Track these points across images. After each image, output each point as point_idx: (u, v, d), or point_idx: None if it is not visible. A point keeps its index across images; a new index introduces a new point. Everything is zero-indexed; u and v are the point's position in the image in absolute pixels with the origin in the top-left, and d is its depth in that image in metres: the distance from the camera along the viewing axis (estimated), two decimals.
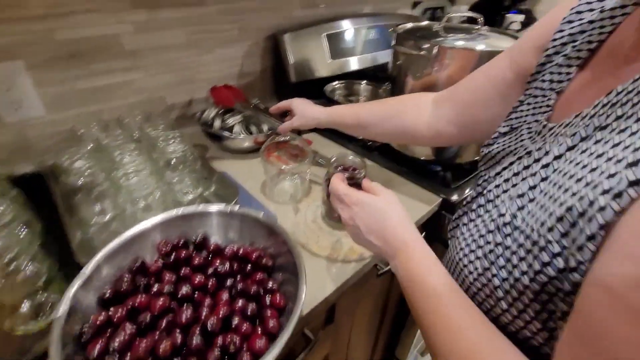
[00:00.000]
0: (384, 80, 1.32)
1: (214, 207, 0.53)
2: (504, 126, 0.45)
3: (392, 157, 0.92)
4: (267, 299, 0.42)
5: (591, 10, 0.38)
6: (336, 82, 1.11)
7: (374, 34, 1.22)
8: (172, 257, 0.47)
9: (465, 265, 0.37)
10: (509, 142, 0.43)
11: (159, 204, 0.59)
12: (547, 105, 0.39)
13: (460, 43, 0.71)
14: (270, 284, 0.45)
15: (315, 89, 1.09)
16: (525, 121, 0.41)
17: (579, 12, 0.39)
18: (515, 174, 0.37)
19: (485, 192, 0.41)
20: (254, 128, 0.94)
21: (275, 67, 1.11)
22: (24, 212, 0.56)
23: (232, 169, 0.83)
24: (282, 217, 0.69)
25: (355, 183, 0.60)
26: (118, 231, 0.47)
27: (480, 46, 0.69)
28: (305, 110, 0.76)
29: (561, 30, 0.40)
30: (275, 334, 0.39)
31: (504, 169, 0.41)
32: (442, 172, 0.87)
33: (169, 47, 0.86)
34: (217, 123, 0.91)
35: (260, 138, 0.86)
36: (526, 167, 0.36)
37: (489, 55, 0.68)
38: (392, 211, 0.43)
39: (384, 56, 1.26)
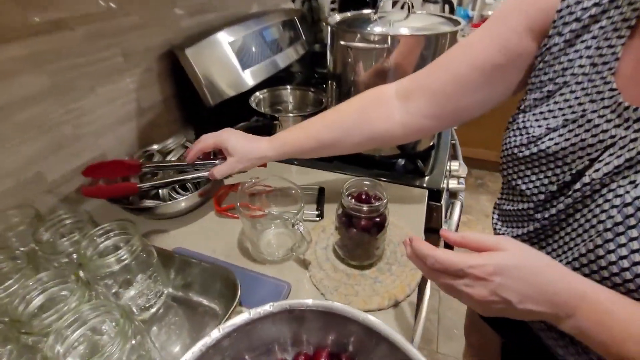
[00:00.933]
0: (310, 78, 1.24)
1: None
2: (549, 119, 0.40)
3: (357, 162, 0.84)
4: None
5: None
6: (258, 92, 0.95)
7: (275, 32, 1.09)
8: None
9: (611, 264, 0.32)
10: (574, 134, 0.37)
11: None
12: (611, 89, 0.35)
13: (407, 30, 0.65)
14: None
15: (234, 108, 0.91)
16: (584, 109, 0.37)
17: None
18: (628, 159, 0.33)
19: (572, 191, 0.37)
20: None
21: (180, 92, 0.88)
22: None
23: (182, 238, 0.62)
24: (292, 279, 0.54)
25: (377, 216, 0.50)
26: None
27: (432, 31, 0.65)
28: (244, 148, 0.59)
29: (569, 6, 0.37)
30: None
31: (594, 160, 0.36)
32: (411, 164, 0.83)
33: (28, 99, 0.57)
34: None
35: (206, 188, 0.67)
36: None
37: (436, 39, 0.65)
38: (539, 263, 0.33)
39: (291, 55, 1.16)
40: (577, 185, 0.37)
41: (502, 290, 0.31)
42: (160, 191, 0.66)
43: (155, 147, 0.75)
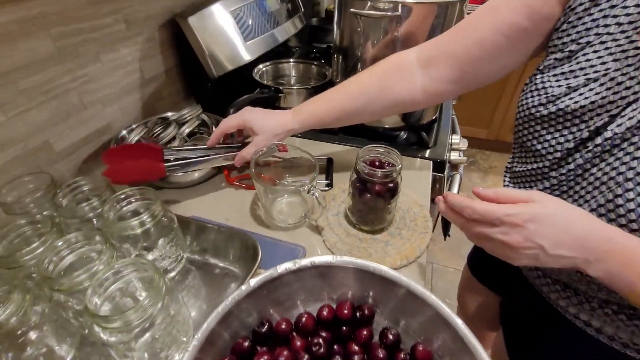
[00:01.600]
0: (309, 53, 1.22)
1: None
2: (570, 79, 0.40)
3: (361, 134, 0.85)
4: None
5: None
6: (261, 64, 0.94)
7: (274, 3, 1.07)
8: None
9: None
10: (595, 92, 0.38)
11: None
12: (636, 48, 0.35)
13: None
14: None
15: (237, 80, 0.90)
16: (607, 68, 0.37)
17: None
18: None
19: (593, 146, 0.38)
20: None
21: (184, 63, 0.87)
22: None
23: (195, 208, 0.63)
24: (306, 243, 0.56)
25: (391, 181, 0.52)
26: None
27: None
28: (269, 125, 0.60)
29: None
30: None
31: (614, 116, 0.37)
32: (414, 136, 0.85)
33: (32, 64, 0.55)
34: None
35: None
36: None
37: (446, 7, 0.65)
38: (570, 211, 0.35)
39: (289, 29, 1.14)
40: (598, 140, 0.38)
41: (536, 237, 0.33)
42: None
43: (169, 114, 0.74)
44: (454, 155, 0.89)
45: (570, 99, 0.40)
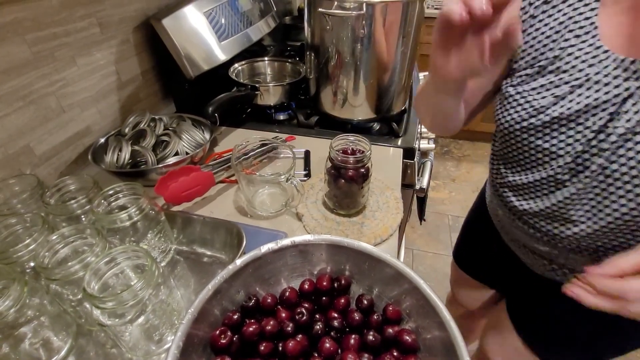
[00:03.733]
0: (283, 51, 1.25)
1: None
2: (552, 89, 0.43)
3: (336, 126, 0.89)
4: None
5: None
6: (237, 64, 0.97)
7: (246, 3, 1.09)
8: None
9: None
10: (585, 96, 0.40)
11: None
12: (605, 51, 0.39)
13: None
14: None
15: (214, 80, 0.93)
16: (587, 74, 0.40)
17: None
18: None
19: (611, 143, 0.40)
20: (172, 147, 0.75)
21: (160, 64, 0.88)
22: None
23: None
24: (287, 229, 0.60)
25: (362, 167, 0.56)
26: None
27: None
28: None
29: None
30: None
31: (613, 113, 0.39)
32: (386, 127, 0.90)
33: (9, 70, 0.56)
34: (126, 155, 0.68)
35: (200, 154, 0.70)
36: None
37: (407, 5, 0.70)
38: None
39: (263, 28, 1.17)
40: (613, 138, 0.39)
41: None
42: (149, 157, 0.68)
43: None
44: (424, 143, 0.94)
45: (562, 106, 0.42)
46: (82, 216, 0.50)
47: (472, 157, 2.47)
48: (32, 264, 0.42)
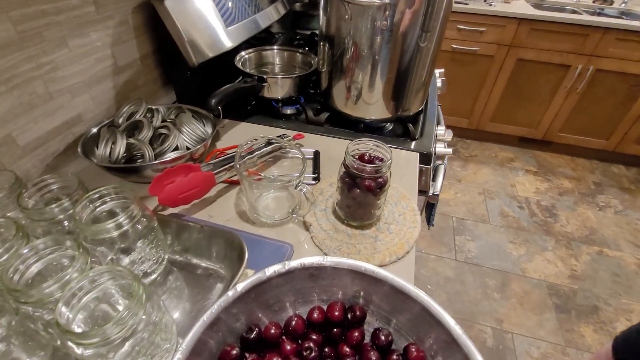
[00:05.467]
0: (292, 40, 1.18)
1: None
2: None
3: (347, 125, 0.83)
4: None
5: None
6: (243, 52, 0.90)
7: None
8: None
9: None
10: None
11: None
12: None
13: None
14: None
15: (219, 69, 0.86)
16: None
17: None
18: None
19: None
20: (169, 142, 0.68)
21: (160, 49, 0.82)
22: None
23: None
24: (293, 240, 0.54)
25: (380, 176, 0.50)
26: None
27: None
28: None
29: None
30: None
31: None
32: (400, 128, 0.84)
33: None
34: (121, 149, 0.62)
35: (201, 150, 0.64)
36: None
37: None
38: None
39: (272, 14, 1.09)
40: None
41: None
42: (147, 152, 0.62)
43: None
44: (440, 147, 0.88)
45: None
46: (66, 221, 0.44)
47: (480, 157, 2.41)
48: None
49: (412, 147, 0.78)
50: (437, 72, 1.19)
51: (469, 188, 2.15)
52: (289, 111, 0.89)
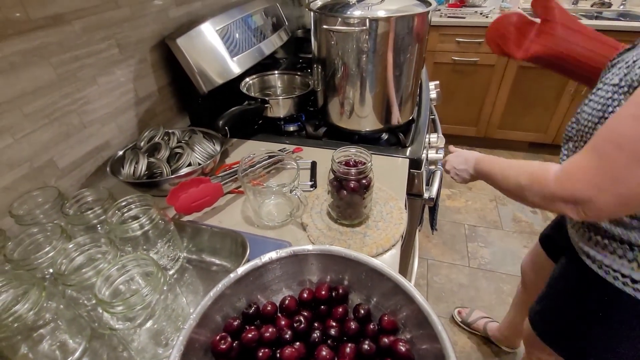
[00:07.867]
0: (295, 64, 1.28)
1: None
2: None
3: (344, 137, 0.91)
4: None
5: None
6: (247, 78, 1.00)
7: (258, 19, 1.14)
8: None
9: None
10: None
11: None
12: None
13: (384, 12, 0.71)
14: None
15: (226, 94, 0.96)
16: None
17: None
18: None
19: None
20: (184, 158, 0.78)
21: (175, 81, 0.93)
22: None
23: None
24: (292, 239, 0.61)
25: (363, 178, 0.57)
26: None
27: (406, 12, 0.72)
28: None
29: None
30: None
31: None
32: (393, 137, 0.91)
33: (35, 91, 0.61)
34: (143, 167, 0.72)
35: (210, 165, 0.73)
36: None
37: (410, 20, 0.71)
38: (463, 152, 0.74)
39: (275, 41, 1.20)
40: None
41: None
42: (164, 169, 0.71)
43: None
44: (432, 153, 0.94)
45: None
46: (98, 226, 0.53)
47: None
48: (50, 270, 0.45)
49: (402, 154, 0.84)
50: (432, 84, 1.26)
51: (480, 195, 2.16)
52: (291, 128, 0.98)
